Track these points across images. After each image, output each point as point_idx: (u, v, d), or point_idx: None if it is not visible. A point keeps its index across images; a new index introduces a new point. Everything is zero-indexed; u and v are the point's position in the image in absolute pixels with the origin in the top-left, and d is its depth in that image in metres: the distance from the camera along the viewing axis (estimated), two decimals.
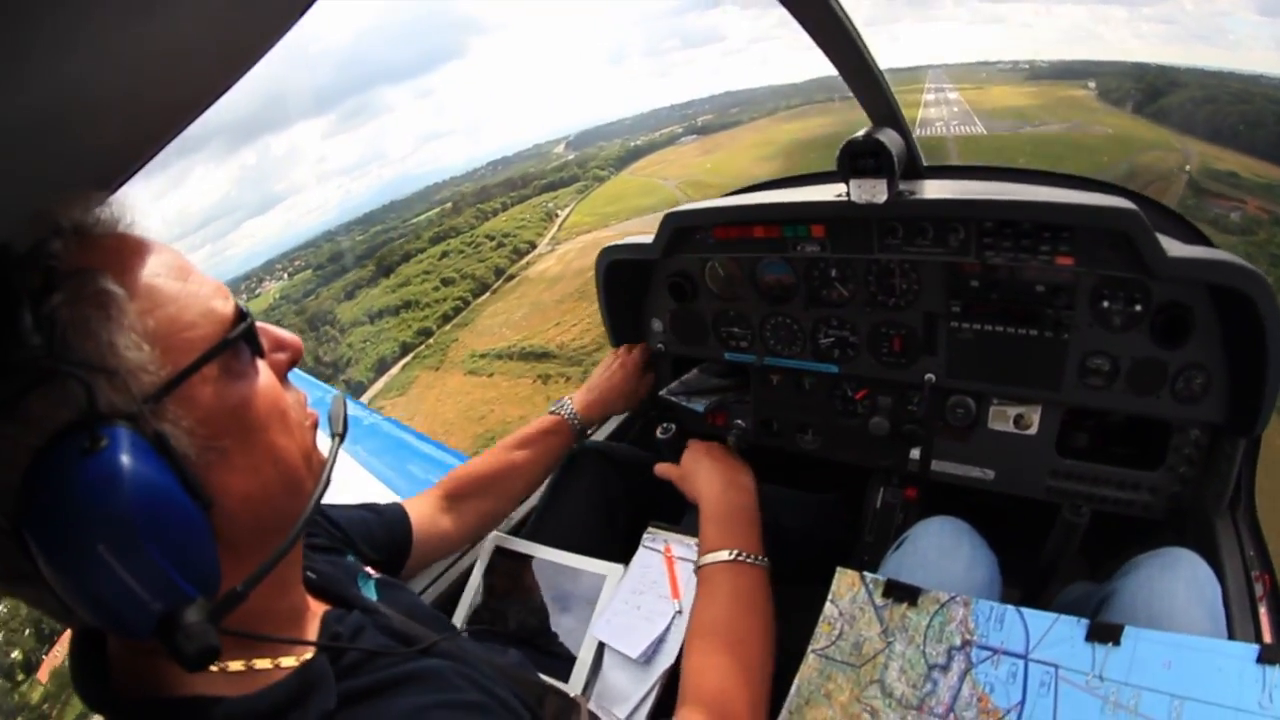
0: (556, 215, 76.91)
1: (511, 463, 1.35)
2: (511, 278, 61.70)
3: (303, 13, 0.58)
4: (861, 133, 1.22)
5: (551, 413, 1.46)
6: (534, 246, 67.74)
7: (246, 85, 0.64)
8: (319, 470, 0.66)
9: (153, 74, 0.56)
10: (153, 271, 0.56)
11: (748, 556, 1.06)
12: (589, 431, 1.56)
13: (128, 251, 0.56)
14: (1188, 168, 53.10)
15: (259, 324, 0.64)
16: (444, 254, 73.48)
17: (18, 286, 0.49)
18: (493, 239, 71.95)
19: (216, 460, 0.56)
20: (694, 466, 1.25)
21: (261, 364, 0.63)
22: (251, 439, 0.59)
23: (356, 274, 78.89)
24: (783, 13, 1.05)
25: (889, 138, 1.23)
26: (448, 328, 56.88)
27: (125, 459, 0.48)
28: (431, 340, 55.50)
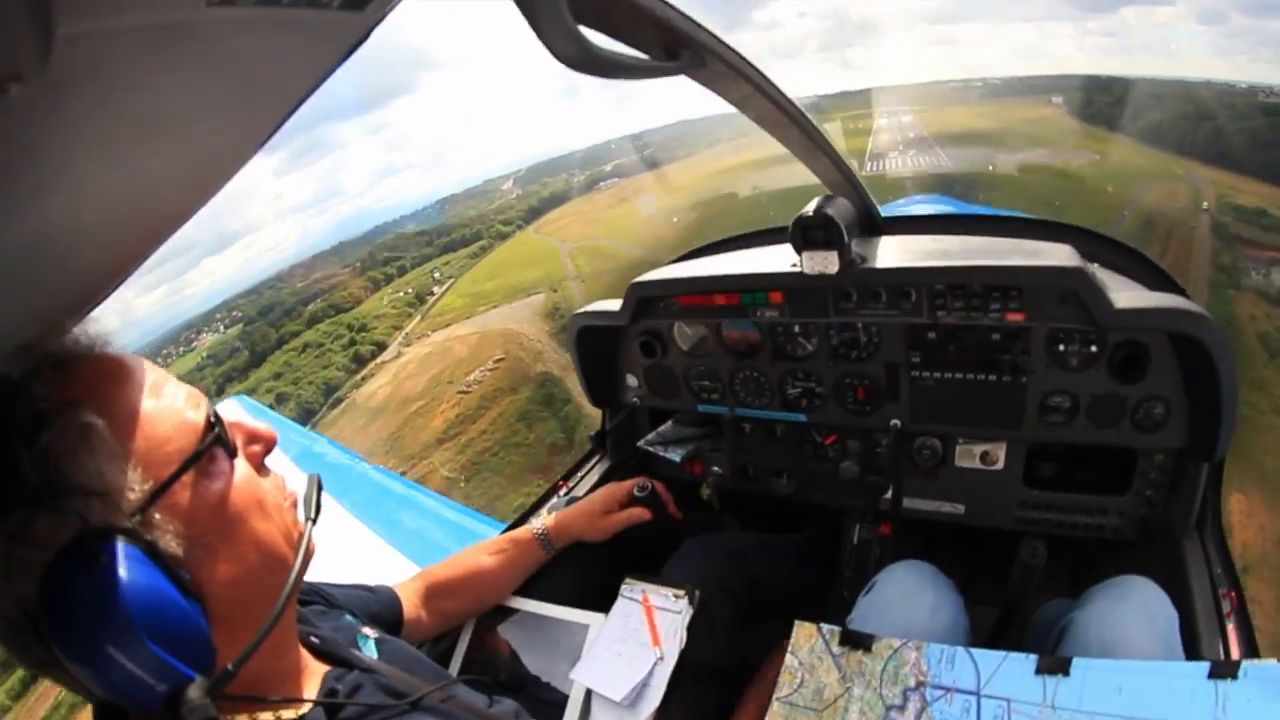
0: (432, 293, 61.91)
1: (480, 567, 1.42)
2: (339, 401, 46.27)
3: (269, 138, 0.59)
4: (812, 206, 1.27)
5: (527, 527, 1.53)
6: (382, 348, 52.47)
7: None
8: (301, 545, 0.73)
9: (124, 206, 0.59)
10: (128, 395, 0.63)
11: None
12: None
13: (103, 377, 0.63)
14: (1205, 205, 40.89)
15: (233, 421, 0.70)
16: (304, 347, 58.16)
17: (12, 429, 0.57)
18: (352, 329, 56.71)
19: (204, 555, 0.64)
20: None
21: (237, 460, 0.69)
22: (233, 531, 0.66)
23: (232, 362, 63.74)
24: (750, 37, 0.71)
25: (838, 209, 1.28)
26: None
27: (122, 572, 0.56)
28: None
